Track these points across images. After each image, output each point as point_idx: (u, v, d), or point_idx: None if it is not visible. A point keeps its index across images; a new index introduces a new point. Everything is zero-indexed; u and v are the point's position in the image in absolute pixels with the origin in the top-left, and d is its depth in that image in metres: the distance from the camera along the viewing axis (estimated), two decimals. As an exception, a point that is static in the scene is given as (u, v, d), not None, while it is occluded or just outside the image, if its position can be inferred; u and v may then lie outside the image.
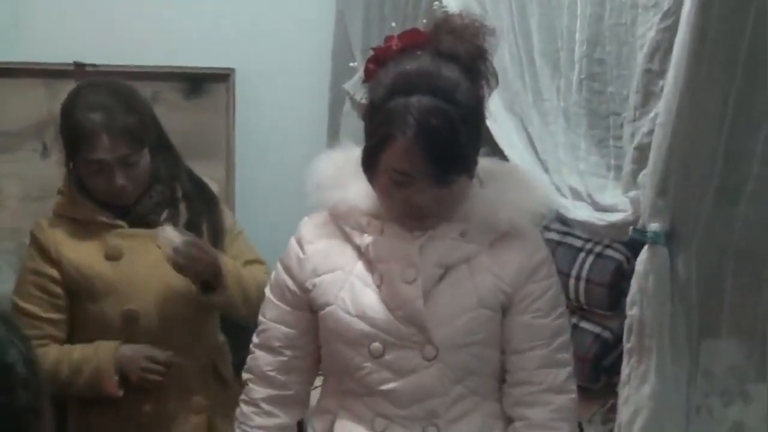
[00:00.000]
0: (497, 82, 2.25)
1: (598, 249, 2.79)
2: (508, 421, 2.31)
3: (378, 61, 2.24)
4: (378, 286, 2.26)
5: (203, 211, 3.01)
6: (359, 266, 2.30)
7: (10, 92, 3.84)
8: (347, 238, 2.32)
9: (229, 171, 4.01)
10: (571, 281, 2.79)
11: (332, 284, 2.30)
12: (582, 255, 2.80)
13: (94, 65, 3.75)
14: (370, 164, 2.21)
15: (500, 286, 2.25)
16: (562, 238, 2.89)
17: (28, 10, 3.92)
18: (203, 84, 4.04)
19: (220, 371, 3.08)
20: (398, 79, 2.16)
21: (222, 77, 4.05)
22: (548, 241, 2.62)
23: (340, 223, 2.33)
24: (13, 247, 3.82)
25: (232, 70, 4.05)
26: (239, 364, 2.68)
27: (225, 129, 4.04)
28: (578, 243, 2.83)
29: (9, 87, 3.83)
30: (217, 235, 3.01)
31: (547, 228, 2.86)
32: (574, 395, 2.30)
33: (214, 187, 3.17)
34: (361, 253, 2.29)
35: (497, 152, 2.61)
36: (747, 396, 2.31)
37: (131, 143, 2.81)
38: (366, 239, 2.28)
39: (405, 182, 2.17)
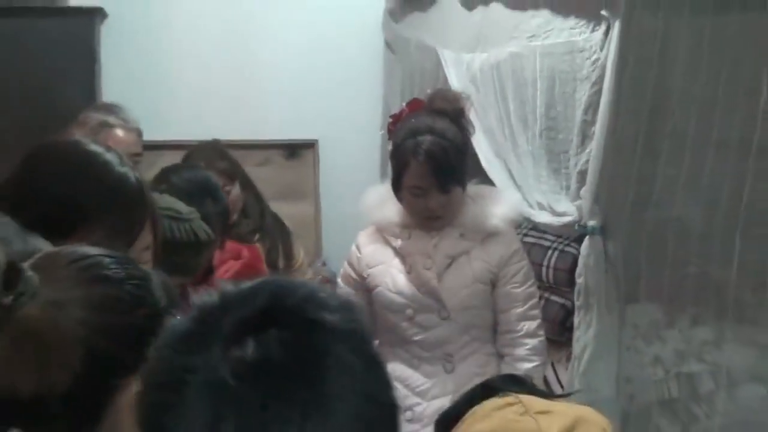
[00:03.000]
0: (474, 130, 2.32)
1: (561, 246, 2.78)
2: (500, 357, 2.33)
3: (395, 122, 2.34)
4: (408, 273, 2.31)
5: (280, 240, 3.03)
6: (396, 260, 2.34)
7: (163, 163, 3.82)
8: (387, 242, 2.36)
9: (316, 208, 4.03)
10: (543, 269, 2.78)
11: (379, 273, 2.35)
12: (550, 251, 2.79)
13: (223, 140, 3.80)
14: (396, 185, 2.28)
15: (489, 268, 2.29)
16: (537, 240, 2.88)
17: (173, 102, 3.92)
18: (297, 150, 4.06)
19: None
20: (408, 128, 2.24)
21: (310, 145, 4.08)
22: (526, 243, 2.63)
23: (383, 232, 2.38)
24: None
25: (316, 140, 4.10)
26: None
27: (312, 179, 4.08)
28: (547, 243, 2.82)
29: (162, 158, 3.73)
30: (288, 258, 3.03)
31: (525, 234, 2.88)
32: (543, 338, 2.32)
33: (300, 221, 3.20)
34: (396, 251, 2.34)
35: (488, 182, 2.65)
36: (662, 338, 2.32)
37: (224, 178, 2.84)
38: (399, 242, 2.33)
39: (420, 194, 2.23)
